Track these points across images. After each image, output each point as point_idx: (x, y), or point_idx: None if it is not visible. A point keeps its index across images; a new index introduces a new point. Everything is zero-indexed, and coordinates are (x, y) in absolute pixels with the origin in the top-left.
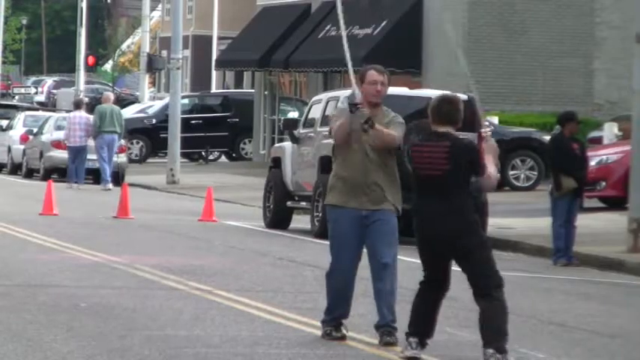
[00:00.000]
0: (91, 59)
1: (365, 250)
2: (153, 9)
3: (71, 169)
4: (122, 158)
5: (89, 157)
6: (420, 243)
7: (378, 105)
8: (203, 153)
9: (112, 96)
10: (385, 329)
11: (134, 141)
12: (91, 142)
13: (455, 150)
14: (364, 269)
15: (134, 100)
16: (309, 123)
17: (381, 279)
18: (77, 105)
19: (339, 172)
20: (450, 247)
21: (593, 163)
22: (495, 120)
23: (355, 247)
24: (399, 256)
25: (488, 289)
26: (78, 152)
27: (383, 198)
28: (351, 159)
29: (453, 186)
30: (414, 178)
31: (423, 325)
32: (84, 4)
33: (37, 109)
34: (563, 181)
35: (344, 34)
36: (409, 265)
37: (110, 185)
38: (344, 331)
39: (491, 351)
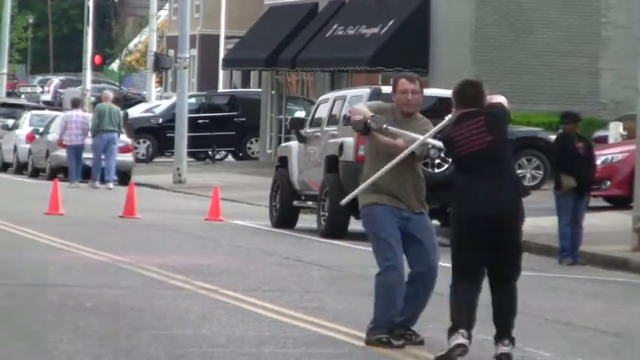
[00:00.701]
0: (97, 58)
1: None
2: (160, 8)
3: (71, 168)
4: (129, 158)
5: (85, 155)
6: (467, 223)
7: (411, 114)
8: (210, 152)
9: (111, 94)
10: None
11: (141, 140)
12: (88, 141)
13: (491, 118)
14: (372, 268)
15: (141, 100)
16: (316, 122)
17: (425, 284)
18: (75, 104)
19: (369, 176)
20: (501, 226)
21: (598, 162)
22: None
23: (400, 240)
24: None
25: (512, 277)
26: (76, 150)
27: (413, 202)
28: (380, 164)
29: (502, 158)
30: (459, 163)
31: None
32: (91, 3)
33: (43, 109)
34: (563, 180)
35: None
36: None
37: (98, 184)
38: (400, 341)
39: (507, 341)
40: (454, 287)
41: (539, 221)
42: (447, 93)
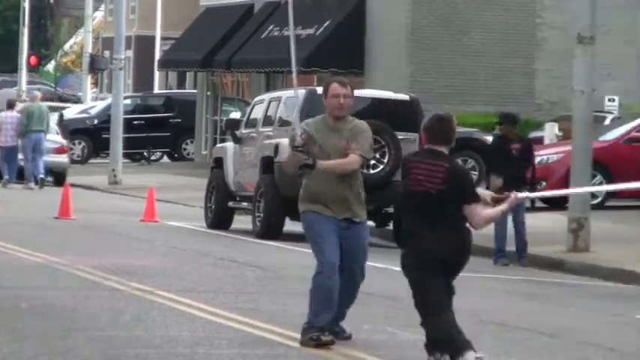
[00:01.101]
0: (33, 59)
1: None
2: (96, 9)
3: (3, 169)
4: (64, 159)
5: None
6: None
7: (342, 118)
8: (145, 153)
9: (39, 95)
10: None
11: (76, 141)
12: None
13: (451, 174)
14: (307, 269)
15: (77, 101)
16: (251, 123)
17: (353, 284)
18: (10, 105)
19: (309, 185)
20: (453, 267)
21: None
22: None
23: (337, 244)
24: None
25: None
26: (10, 151)
27: (351, 211)
28: (317, 176)
29: (447, 207)
30: (407, 196)
31: (463, 336)
32: (26, 4)
33: None
34: (491, 181)
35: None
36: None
37: (33, 184)
38: (329, 336)
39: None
40: (438, 319)
41: None
42: (382, 94)
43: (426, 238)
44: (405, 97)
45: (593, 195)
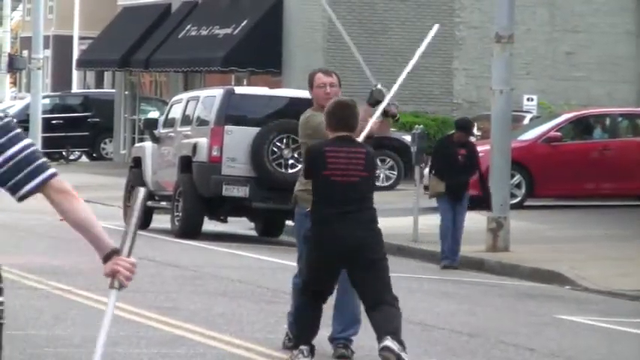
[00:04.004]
0: None
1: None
2: (14, 9)
3: None
4: None
5: None
6: (319, 253)
7: None
8: (64, 153)
9: None
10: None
11: None
12: None
13: (370, 158)
14: (226, 269)
15: None
16: (170, 123)
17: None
18: None
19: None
20: (355, 259)
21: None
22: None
23: None
24: (261, 257)
25: (386, 300)
26: None
27: None
28: None
29: (365, 194)
30: (323, 185)
31: (313, 334)
32: None
33: None
34: (432, 185)
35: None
36: (270, 265)
37: None
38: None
39: (389, 337)
40: (301, 307)
41: (394, 222)
42: (300, 93)
43: (341, 225)
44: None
45: (513, 194)
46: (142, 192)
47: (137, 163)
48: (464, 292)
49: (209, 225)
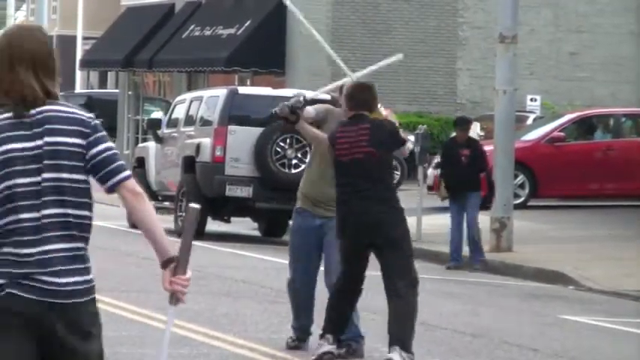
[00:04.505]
0: None
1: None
2: (17, 9)
3: None
4: None
5: None
6: (344, 239)
7: None
8: None
9: None
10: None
11: None
12: None
13: (375, 132)
14: (230, 269)
15: None
16: (173, 123)
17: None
18: None
19: (309, 179)
20: (375, 236)
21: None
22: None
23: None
24: (265, 257)
25: (399, 290)
26: None
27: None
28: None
29: (375, 172)
30: (336, 167)
31: (340, 325)
32: None
33: None
34: (441, 187)
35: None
36: (274, 266)
37: None
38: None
39: (397, 348)
40: (335, 292)
41: None
42: (304, 94)
43: (356, 203)
44: (326, 96)
45: (516, 195)
46: (196, 209)
47: (141, 163)
48: (467, 293)
49: (213, 225)
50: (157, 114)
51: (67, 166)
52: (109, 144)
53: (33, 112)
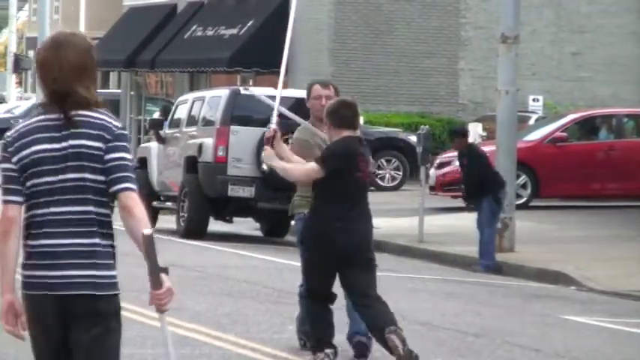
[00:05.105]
0: None
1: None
2: (19, 9)
3: None
4: None
5: None
6: (324, 252)
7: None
8: None
9: None
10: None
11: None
12: None
13: (369, 158)
14: (231, 269)
15: (1, 100)
16: (175, 123)
17: None
18: None
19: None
20: (357, 256)
21: (457, 163)
22: (360, 120)
23: None
24: (267, 257)
25: (374, 296)
26: None
27: None
28: None
29: (367, 191)
30: (352, 185)
31: (332, 335)
32: None
33: None
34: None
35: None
36: (276, 266)
37: None
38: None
39: (393, 327)
40: (313, 310)
41: (398, 222)
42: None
43: (354, 226)
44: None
45: (518, 195)
46: (148, 236)
47: (142, 163)
48: (469, 293)
49: (214, 225)
50: (157, 114)
51: (89, 167)
52: (125, 154)
53: (68, 115)
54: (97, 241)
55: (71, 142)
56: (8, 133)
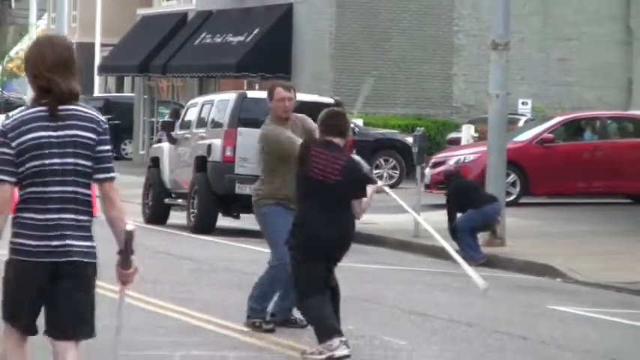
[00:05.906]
0: None
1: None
2: (39, 17)
3: None
4: None
5: None
6: (313, 250)
7: (288, 119)
8: None
9: None
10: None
11: None
12: None
13: (347, 168)
14: (239, 262)
15: (22, 104)
16: (186, 125)
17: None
18: None
19: (276, 183)
20: (339, 252)
21: (451, 162)
22: (360, 122)
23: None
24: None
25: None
26: None
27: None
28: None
29: (341, 197)
30: (303, 180)
31: (338, 324)
32: None
33: None
34: None
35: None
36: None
37: None
38: (270, 325)
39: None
40: (318, 301)
41: (397, 218)
42: (308, 97)
43: (317, 221)
44: (329, 100)
45: (508, 193)
46: (130, 232)
47: (155, 162)
48: (462, 285)
49: (223, 221)
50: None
51: (83, 154)
52: (110, 146)
53: (60, 108)
54: (83, 217)
55: (67, 131)
56: (7, 122)
